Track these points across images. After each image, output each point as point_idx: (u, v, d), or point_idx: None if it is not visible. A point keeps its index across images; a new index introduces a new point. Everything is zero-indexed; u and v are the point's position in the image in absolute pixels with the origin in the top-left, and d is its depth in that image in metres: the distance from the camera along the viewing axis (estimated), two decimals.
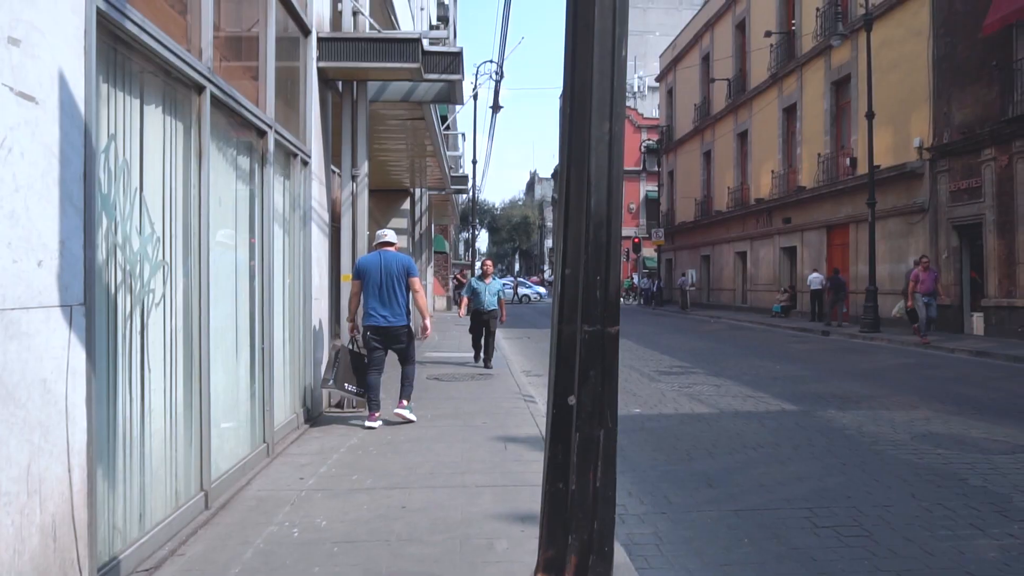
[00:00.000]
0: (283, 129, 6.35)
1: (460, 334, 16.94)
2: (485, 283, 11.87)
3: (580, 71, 2.05)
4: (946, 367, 12.64)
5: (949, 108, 18.63)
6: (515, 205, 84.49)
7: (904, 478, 5.60)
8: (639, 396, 9.49)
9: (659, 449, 6.63)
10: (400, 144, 12.35)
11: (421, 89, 8.83)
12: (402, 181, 16.82)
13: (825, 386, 10.30)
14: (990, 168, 17.22)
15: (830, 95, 24.59)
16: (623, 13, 2.07)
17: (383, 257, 7.21)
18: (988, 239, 17.30)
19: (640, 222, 53.71)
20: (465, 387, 9.72)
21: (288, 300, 6.84)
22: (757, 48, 29.63)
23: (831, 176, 24.11)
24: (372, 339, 7.25)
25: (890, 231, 20.90)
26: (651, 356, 14.45)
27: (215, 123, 4.71)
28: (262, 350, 5.82)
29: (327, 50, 7.53)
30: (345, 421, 7.44)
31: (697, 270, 37.30)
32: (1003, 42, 16.69)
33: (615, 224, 2.05)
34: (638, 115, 55.93)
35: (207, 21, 4.52)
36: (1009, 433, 7.14)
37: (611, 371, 2.07)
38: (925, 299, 16.03)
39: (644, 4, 67.40)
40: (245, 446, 5.46)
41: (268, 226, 5.90)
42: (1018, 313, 16.37)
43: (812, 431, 7.33)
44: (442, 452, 6.10)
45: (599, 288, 2.04)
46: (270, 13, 6.01)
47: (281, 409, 6.46)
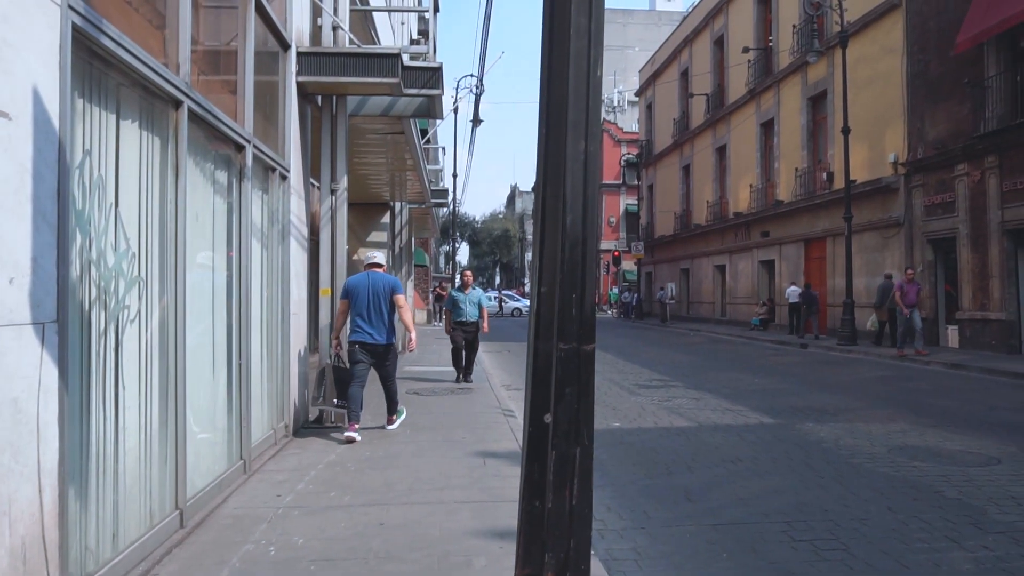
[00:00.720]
0: (262, 143, 6.33)
1: (440, 348, 16.91)
2: (465, 294, 11.71)
3: (556, 91, 2.06)
4: (922, 379, 12.78)
5: (923, 124, 18.94)
6: (496, 218, 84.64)
7: (881, 491, 5.64)
8: (619, 410, 9.51)
9: (638, 463, 6.64)
10: (380, 158, 12.34)
11: (401, 104, 8.85)
12: (382, 194, 16.79)
13: (803, 399, 10.38)
14: (963, 183, 17.49)
15: (807, 110, 24.91)
16: (598, 35, 2.09)
17: (371, 278, 7.52)
18: (962, 253, 17.56)
19: (620, 235, 54.00)
20: (445, 401, 9.69)
21: (266, 315, 6.80)
22: (735, 64, 29.99)
23: (808, 190, 24.38)
24: (358, 353, 7.43)
25: (866, 245, 21.16)
26: (631, 369, 14.49)
27: (193, 138, 4.69)
28: (239, 365, 5.77)
29: (307, 65, 7.53)
30: (324, 437, 7.39)
31: (677, 283, 37.51)
32: (975, 60, 17.01)
33: (590, 242, 2.06)
34: (618, 129, 56.32)
35: (185, 36, 4.50)
36: (984, 445, 7.22)
37: (587, 389, 2.07)
38: (910, 311, 16.17)
39: (624, 19, 68.08)
40: (222, 463, 5.40)
41: (246, 241, 5.86)
42: (991, 326, 16.60)
43: (790, 444, 7.38)
44: (421, 468, 6.07)
45: (575, 306, 2.05)
46: (249, 27, 6.00)
47: (259, 425, 6.41)
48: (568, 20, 2.06)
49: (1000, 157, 16.29)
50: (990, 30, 15.87)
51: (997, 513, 5.05)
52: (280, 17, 7.07)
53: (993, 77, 16.57)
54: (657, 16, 68.01)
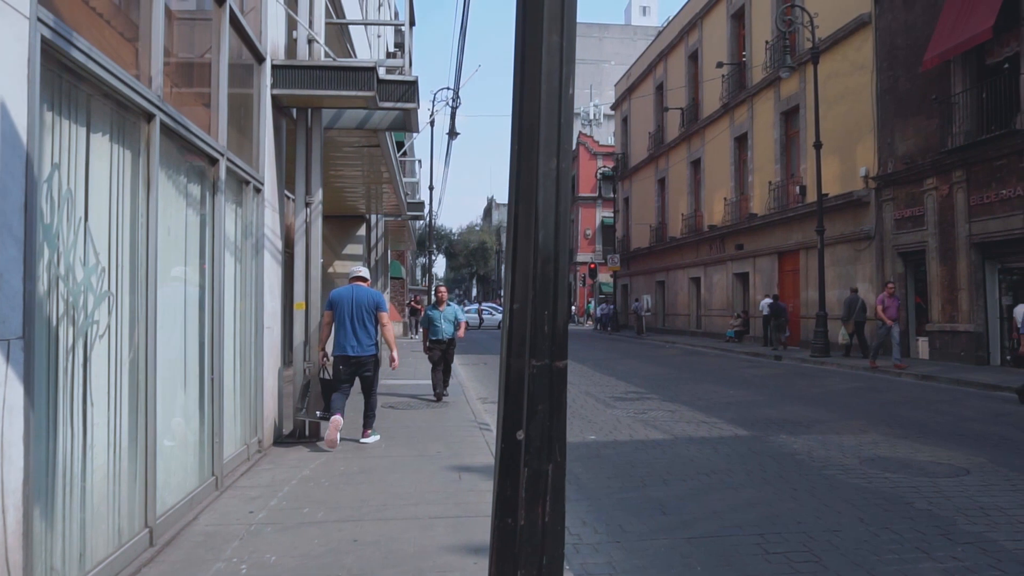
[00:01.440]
0: (236, 156, 6.29)
1: (416, 361, 16.85)
2: (440, 311, 11.33)
3: (527, 109, 2.07)
4: (893, 391, 12.94)
5: (893, 139, 19.26)
6: (472, 230, 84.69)
7: (853, 502, 5.69)
8: (595, 423, 9.52)
9: (614, 476, 6.65)
10: (356, 171, 12.31)
11: (376, 117, 8.84)
12: (358, 207, 16.73)
13: (777, 411, 10.46)
14: (932, 197, 17.80)
15: (780, 125, 25.24)
16: (570, 53, 2.11)
17: (355, 291, 7.76)
18: (931, 266, 17.84)
19: (596, 248, 54.20)
20: (420, 415, 9.65)
21: (239, 329, 6.74)
22: (709, 79, 30.34)
23: (782, 204, 24.67)
24: (341, 369, 7.66)
25: (838, 257, 21.43)
26: (607, 382, 14.52)
27: (165, 151, 4.65)
28: (212, 380, 5.71)
29: (281, 78, 7.51)
30: (298, 451, 7.32)
31: (652, 295, 37.71)
32: (942, 76, 17.36)
33: (562, 259, 2.07)
34: (594, 142, 56.63)
35: (157, 48, 4.47)
36: (953, 456, 7.32)
37: (559, 405, 2.08)
38: (890, 324, 16.13)
39: (599, 33, 68.71)
40: (193, 479, 5.33)
41: (219, 254, 5.82)
42: (960, 337, 16.86)
43: (764, 456, 7.43)
44: (395, 483, 6.03)
45: (547, 323, 2.05)
46: (223, 40, 5.97)
47: (231, 440, 6.34)
48: (540, 38, 2.08)
49: (967, 172, 16.61)
50: (956, 48, 16.21)
51: (966, 523, 5.11)
52: (255, 30, 7.06)
53: (960, 93, 16.91)
54: (632, 31, 68.75)
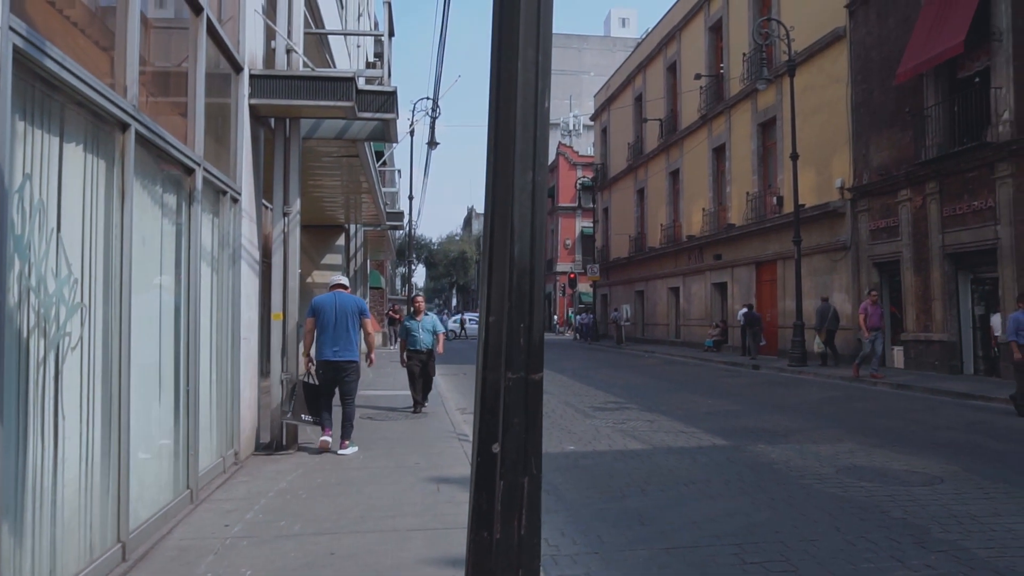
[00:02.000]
0: (212, 166, 6.25)
1: (395, 371, 16.77)
2: (417, 321, 11.06)
3: (504, 123, 2.08)
4: (869, 400, 13.06)
5: (867, 151, 19.52)
6: (452, 240, 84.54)
7: (829, 512, 5.73)
8: (574, 433, 9.52)
9: (593, 487, 6.65)
10: (335, 180, 12.28)
11: (355, 127, 8.82)
12: (337, 217, 16.69)
13: (755, 420, 10.52)
14: (906, 208, 18.05)
15: (757, 136, 25.50)
16: (545, 67, 2.12)
17: (338, 298, 7.96)
18: (906, 276, 18.07)
19: (576, 258, 54.35)
20: (399, 426, 9.60)
21: (216, 340, 6.68)
22: (687, 90, 30.60)
23: (759, 214, 24.89)
24: (322, 374, 7.89)
25: (815, 268, 21.64)
26: (586, 392, 14.54)
27: (140, 161, 4.62)
28: (187, 392, 5.65)
29: (259, 87, 7.48)
30: (275, 463, 7.25)
31: (632, 305, 37.85)
32: (915, 90, 17.63)
33: (538, 272, 2.08)
34: (573, 153, 56.90)
35: (133, 58, 4.44)
36: (927, 465, 7.39)
37: (535, 418, 2.08)
38: (874, 334, 15.96)
39: (579, 45, 69.13)
40: (167, 493, 5.26)
41: (195, 265, 5.77)
42: (934, 347, 17.07)
43: (742, 466, 7.46)
44: (373, 495, 6.00)
45: (523, 335, 2.05)
46: (200, 49, 5.94)
47: (207, 452, 6.27)
48: (515, 53, 2.09)
49: (940, 183, 16.86)
50: (929, 61, 16.47)
51: (940, 532, 5.16)
52: (232, 39, 7.03)
53: (932, 106, 17.18)
54: (611, 42, 69.21)
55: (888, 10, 18.87)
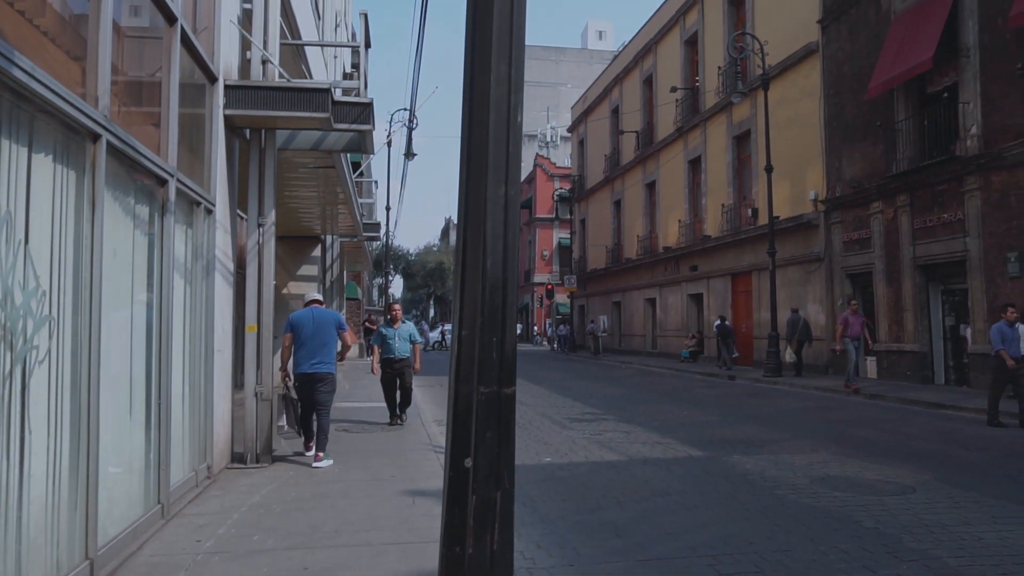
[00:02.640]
0: (186, 177, 6.20)
1: (371, 383, 16.65)
2: (394, 329, 10.77)
3: (476, 136, 2.09)
4: (842, 410, 13.19)
5: (840, 164, 19.79)
6: (430, 251, 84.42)
7: (803, 522, 5.77)
8: (551, 444, 9.52)
9: (568, 499, 6.65)
10: (311, 191, 12.23)
11: (332, 138, 8.80)
12: (313, 228, 16.61)
13: (731, 431, 10.58)
14: (878, 220, 18.30)
15: (732, 149, 25.76)
16: (518, 81, 2.13)
17: (315, 313, 8.08)
18: (878, 287, 18.30)
19: (553, 269, 54.46)
20: (374, 438, 9.54)
21: (189, 352, 6.60)
22: (664, 103, 30.86)
23: (734, 226, 25.12)
24: (300, 387, 8.02)
25: (789, 279, 21.85)
26: (563, 403, 14.55)
27: (111, 172, 4.57)
28: (159, 405, 5.58)
29: (234, 98, 7.44)
30: (249, 476, 7.17)
31: (609, 316, 37.96)
32: (886, 104, 17.92)
33: (511, 286, 2.08)
34: (551, 164, 57.10)
35: (104, 68, 4.40)
36: (899, 474, 7.47)
37: (508, 432, 2.08)
38: (855, 343, 15.83)
39: (556, 57, 69.52)
40: (138, 508, 5.18)
41: (168, 276, 5.71)
42: (906, 357, 17.29)
43: (717, 477, 7.50)
44: (348, 508, 5.95)
45: (495, 349, 2.05)
46: (174, 60, 5.90)
47: (179, 466, 6.18)
48: (488, 67, 2.10)
49: (911, 196, 17.13)
50: (899, 77, 16.76)
51: (911, 541, 5.21)
52: (207, 49, 6.99)
53: (903, 121, 17.47)
54: (589, 55, 69.67)
55: (859, 26, 19.19)
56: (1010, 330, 11.10)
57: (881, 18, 18.31)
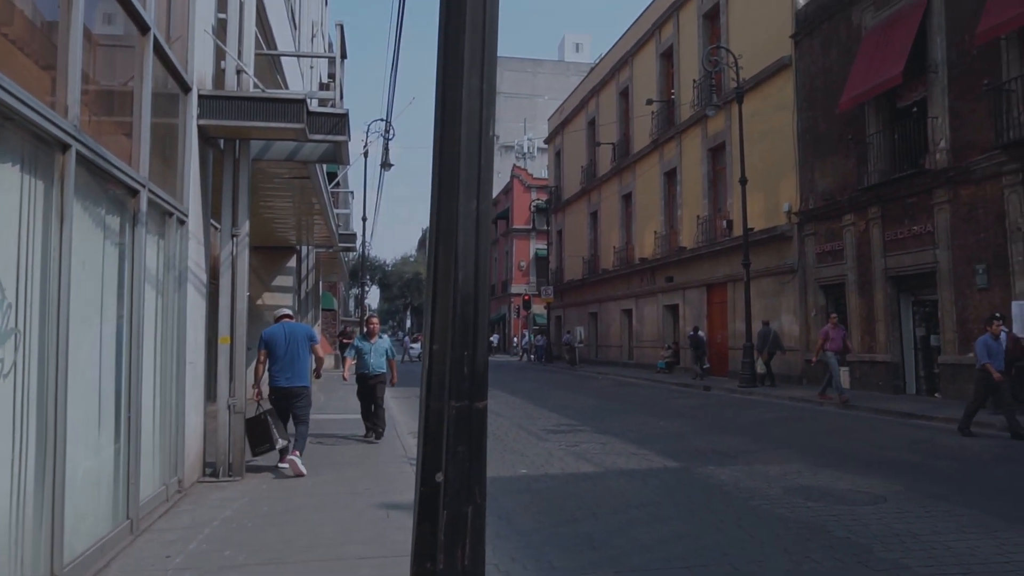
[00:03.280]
0: (158, 188, 6.14)
1: (346, 395, 16.54)
2: (371, 343, 10.51)
3: (448, 150, 2.09)
4: (816, 420, 13.30)
5: (813, 176, 20.04)
6: (407, 261, 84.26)
7: (777, 532, 5.80)
8: (527, 456, 9.50)
9: (544, 511, 6.63)
10: (286, 202, 12.15)
11: (307, 149, 8.76)
12: (288, 238, 16.49)
13: (706, 441, 10.63)
14: (850, 232, 18.54)
15: (707, 161, 26.00)
16: (490, 96, 2.14)
17: (286, 328, 8.28)
18: (850, 298, 18.52)
19: (530, 280, 54.51)
20: (349, 450, 9.47)
21: (160, 364, 6.52)
22: (640, 115, 31.09)
23: (710, 237, 25.32)
24: (276, 400, 8.17)
25: (764, 290, 22.04)
26: (539, 414, 14.54)
27: (81, 182, 4.51)
28: (128, 419, 5.50)
29: (208, 108, 7.38)
30: (220, 490, 7.08)
31: (585, 327, 38.03)
32: (857, 118, 18.20)
33: (482, 300, 2.08)
34: (528, 175, 57.25)
35: (75, 77, 4.35)
36: (871, 484, 7.54)
37: (479, 446, 2.07)
38: (837, 357, 15.75)
39: (533, 69, 69.86)
40: (106, 523, 5.09)
41: (139, 288, 5.63)
42: (878, 367, 17.50)
43: (692, 488, 7.52)
44: (322, 522, 5.89)
45: (467, 363, 2.05)
46: (146, 69, 5.85)
47: (149, 481, 6.09)
48: (460, 81, 2.10)
49: (882, 209, 17.38)
50: (869, 91, 17.03)
51: (882, 551, 5.26)
52: (181, 59, 6.94)
53: (874, 134, 17.75)
54: (566, 67, 70.09)
55: (831, 41, 19.49)
56: (996, 343, 11.13)
57: (852, 34, 18.61)
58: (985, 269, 14.55)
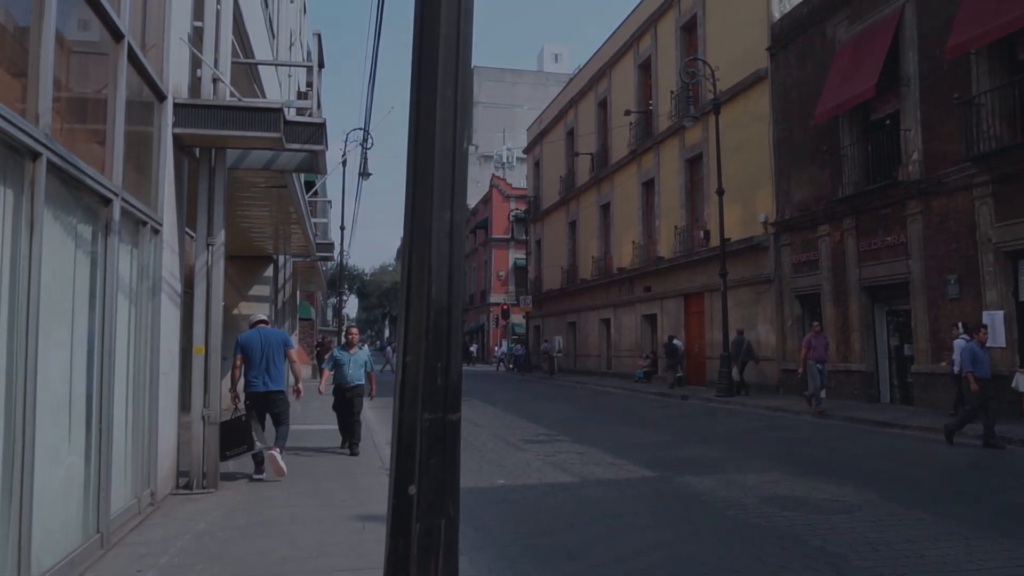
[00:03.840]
0: (132, 197, 6.07)
1: (323, 405, 16.40)
2: (350, 354, 10.17)
3: (422, 161, 2.09)
4: (792, 429, 13.40)
5: (789, 187, 20.25)
6: (385, 270, 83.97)
7: (753, 542, 5.83)
8: (504, 466, 9.47)
9: (521, 522, 6.61)
10: (263, 211, 12.08)
11: (283, 158, 8.72)
12: (265, 248, 16.39)
13: (683, 451, 10.66)
14: (825, 243, 18.75)
15: (685, 172, 26.18)
16: (464, 107, 2.14)
17: (262, 333, 8.41)
18: (826, 308, 18.70)
19: (509, 289, 54.54)
20: (325, 461, 9.39)
21: (133, 375, 6.43)
22: (618, 126, 31.27)
23: (687, 247, 25.48)
24: (254, 406, 8.28)
25: (741, 300, 22.20)
26: (518, 424, 14.51)
27: (52, 191, 4.44)
28: (100, 430, 5.41)
29: (184, 116, 7.31)
30: (194, 503, 6.99)
31: (564, 336, 38.08)
32: (832, 130, 18.43)
33: (456, 311, 2.07)
34: (507, 185, 57.35)
35: (46, 85, 4.29)
36: (846, 493, 7.60)
37: (453, 459, 2.06)
38: (819, 366, 15.62)
39: (512, 79, 70.11)
40: (75, 537, 5.00)
41: (111, 298, 5.56)
42: (853, 376, 17.67)
43: (670, 498, 7.54)
44: (297, 534, 5.83)
45: (440, 375, 2.04)
46: (120, 77, 5.79)
47: (120, 493, 5.99)
48: (435, 92, 2.10)
49: (856, 220, 17.60)
50: (843, 104, 17.27)
51: (857, 559, 5.30)
52: (156, 67, 6.88)
53: (848, 146, 17.98)
54: (545, 77, 70.41)
55: (806, 54, 19.74)
56: (982, 351, 10.98)
57: (827, 47, 18.86)
58: (957, 279, 14.77)
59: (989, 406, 10.76)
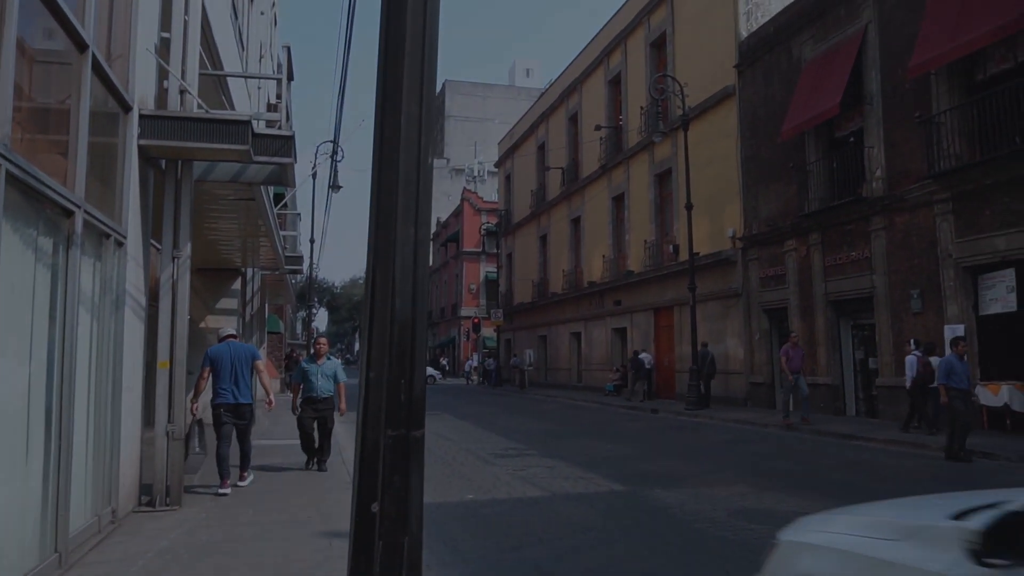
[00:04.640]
0: (95, 209, 5.97)
1: (292, 420, 16.24)
2: (318, 364, 9.78)
3: (386, 177, 2.08)
4: (761, 442, 13.51)
5: (757, 202, 20.52)
6: (355, 283, 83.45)
7: (721, 555, 5.86)
8: (474, 481, 9.43)
9: (490, 537, 6.58)
10: (231, 223, 11.95)
11: (252, 170, 8.64)
12: (233, 260, 16.21)
13: (653, 465, 10.69)
14: (792, 258, 19.00)
15: (654, 186, 26.41)
16: (428, 123, 2.14)
17: (231, 347, 8.50)
18: (793, 322, 18.92)
19: (480, 303, 54.50)
20: (293, 477, 9.27)
21: (95, 391, 6.31)
22: (588, 140, 31.49)
23: (657, 261, 25.67)
24: (223, 415, 8.29)
25: (709, 313, 22.38)
26: (488, 438, 14.46)
27: (11, 203, 4.36)
28: (59, 447, 5.29)
29: (150, 128, 7.23)
30: (156, 521, 6.86)
31: (535, 350, 38.11)
32: (798, 146, 18.73)
33: (420, 327, 2.07)
34: (478, 198, 57.44)
35: (6, 94, 4.22)
36: (813, 506, 7.65)
37: (416, 476, 2.04)
38: (795, 376, 15.76)
39: (484, 93, 70.41)
40: (31, 557, 4.88)
41: (72, 312, 5.46)
42: (820, 389, 17.88)
43: (639, 511, 7.55)
44: (262, 552, 5.74)
45: (403, 391, 2.03)
46: (84, 87, 5.71)
47: (80, 512, 5.86)
48: (399, 107, 2.10)
49: (822, 235, 17.87)
50: (809, 121, 17.57)
51: None
52: (121, 78, 6.80)
53: (814, 163, 18.28)
54: (516, 91, 70.82)
55: (772, 72, 20.07)
56: (960, 364, 10.88)
57: (792, 65, 19.19)
58: (919, 294, 15.04)
59: (960, 419, 10.65)
